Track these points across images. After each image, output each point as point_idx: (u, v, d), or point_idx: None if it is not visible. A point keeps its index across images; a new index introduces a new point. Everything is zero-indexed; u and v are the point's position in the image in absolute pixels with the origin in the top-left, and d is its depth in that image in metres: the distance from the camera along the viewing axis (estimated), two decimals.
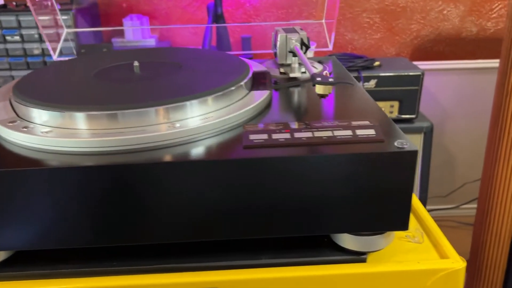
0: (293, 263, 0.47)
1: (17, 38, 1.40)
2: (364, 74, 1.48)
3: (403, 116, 1.53)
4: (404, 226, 0.45)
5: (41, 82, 0.55)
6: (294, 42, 0.62)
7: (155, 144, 0.44)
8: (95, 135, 0.44)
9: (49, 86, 0.54)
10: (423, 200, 1.60)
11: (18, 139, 0.45)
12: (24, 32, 1.40)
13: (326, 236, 0.49)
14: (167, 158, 0.42)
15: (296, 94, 0.58)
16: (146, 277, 0.45)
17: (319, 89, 0.46)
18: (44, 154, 0.43)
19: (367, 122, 0.46)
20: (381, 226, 0.45)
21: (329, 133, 0.44)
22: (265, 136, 0.44)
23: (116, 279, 0.45)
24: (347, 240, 0.47)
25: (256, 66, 0.63)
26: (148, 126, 0.45)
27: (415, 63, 1.57)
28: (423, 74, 1.43)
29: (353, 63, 1.50)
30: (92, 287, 0.45)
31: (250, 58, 0.70)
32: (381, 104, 1.52)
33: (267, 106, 0.53)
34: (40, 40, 1.41)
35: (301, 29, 0.68)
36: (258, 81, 0.58)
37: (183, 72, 0.57)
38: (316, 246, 0.48)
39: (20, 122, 0.47)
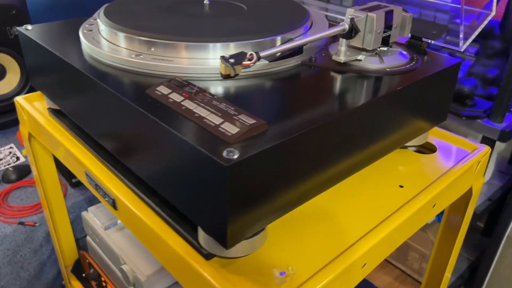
0: (164, 219, 0.49)
1: None
2: None
3: None
4: (223, 243, 0.40)
5: (124, 6, 0.65)
6: (348, 20, 0.52)
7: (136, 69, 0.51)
8: (114, 50, 0.53)
9: (123, 9, 0.62)
10: None
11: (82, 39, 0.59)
12: None
13: None
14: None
15: (300, 77, 0.52)
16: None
17: (220, 66, 0.42)
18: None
19: (248, 121, 0.40)
20: (208, 230, 0.41)
21: (206, 113, 0.42)
22: (166, 91, 0.45)
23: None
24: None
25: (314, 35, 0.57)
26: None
27: None
28: None
29: None
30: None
31: None
32: None
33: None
34: None
35: (403, 11, 0.55)
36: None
37: (234, 16, 0.60)
38: None
39: (94, 32, 0.60)
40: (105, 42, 0.56)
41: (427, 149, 0.66)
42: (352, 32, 0.52)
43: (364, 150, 0.50)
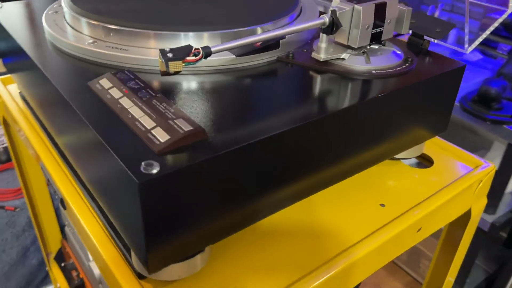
0: (105, 227, 0.44)
1: None
2: None
3: None
4: (146, 267, 0.34)
5: None
6: (329, 13, 0.45)
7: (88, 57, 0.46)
8: (71, 36, 0.48)
9: None
10: None
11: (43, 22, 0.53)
12: None
13: None
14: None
15: (271, 75, 0.46)
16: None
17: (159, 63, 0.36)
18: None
19: (184, 128, 0.34)
20: (134, 249, 0.36)
21: (140, 114, 0.36)
22: (107, 85, 0.40)
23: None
24: None
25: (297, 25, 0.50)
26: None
27: None
28: None
29: None
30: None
31: None
32: None
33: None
34: None
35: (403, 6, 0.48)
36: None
37: (211, 2, 0.54)
38: None
39: (59, 13, 0.55)
40: (66, 26, 0.51)
41: (425, 160, 0.59)
42: (333, 26, 0.45)
43: (336, 163, 0.44)
